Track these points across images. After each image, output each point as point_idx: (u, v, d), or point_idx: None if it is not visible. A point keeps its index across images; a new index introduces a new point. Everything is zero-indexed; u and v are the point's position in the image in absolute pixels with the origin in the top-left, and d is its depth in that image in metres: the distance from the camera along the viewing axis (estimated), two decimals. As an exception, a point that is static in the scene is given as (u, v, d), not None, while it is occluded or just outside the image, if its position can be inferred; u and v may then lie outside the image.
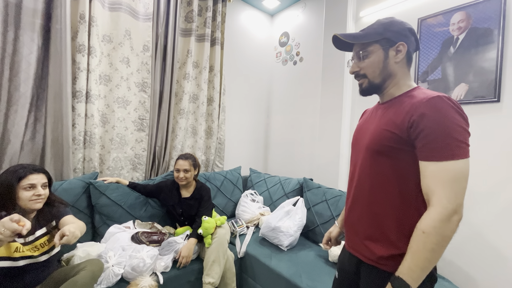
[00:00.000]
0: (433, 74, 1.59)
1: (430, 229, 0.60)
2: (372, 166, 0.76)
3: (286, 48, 2.68)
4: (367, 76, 0.78)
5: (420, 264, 0.61)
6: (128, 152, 1.95)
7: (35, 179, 1.05)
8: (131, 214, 1.69)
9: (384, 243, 0.73)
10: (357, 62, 0.80)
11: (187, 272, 1.46)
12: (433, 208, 0.62)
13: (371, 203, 0.76)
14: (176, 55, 2.10)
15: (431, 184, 0.63)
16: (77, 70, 1.65)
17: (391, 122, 0.72)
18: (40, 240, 1.09)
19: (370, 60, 0.77)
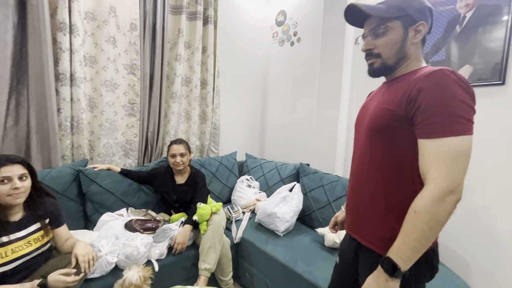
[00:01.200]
0: (436, 56, 1.52)
1: (421, 208, 0.57)
2: (371, 146, 0.73)
3: (283, 28, 2.54)
4: (381, 56, 0.72)
5: (410, 244, 0.58)
6: (119, 138, 1.88)
7: (9, 171, 0.95)
8: (124, 201, 1.65)
9: (381, 225, 0.71)
10: (372, 39, 0.72)
11: (182, 259, 1.46)
12: (426, 187, 0.59)
13: (369, 185, 0.74)
14: (167, 35, 1.98)
15: (428, 163, 0.59)
16: (59, 51, 1.54)
17: (390, 99, 0.69)
18: (33, 235, 1.05)
19: (388, 38, 0.70)
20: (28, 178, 1.03)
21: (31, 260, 1.03)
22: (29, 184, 1.03)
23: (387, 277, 0.60)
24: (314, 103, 2.20)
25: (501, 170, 1.30)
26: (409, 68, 0.72)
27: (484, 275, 1.36)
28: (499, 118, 1.31)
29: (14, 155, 1.02)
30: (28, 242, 1.02)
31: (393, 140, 0.68)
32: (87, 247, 1.09)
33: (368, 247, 0.75)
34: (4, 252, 0.95)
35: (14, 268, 0.97)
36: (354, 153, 0.83)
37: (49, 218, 1.11)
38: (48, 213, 1.11)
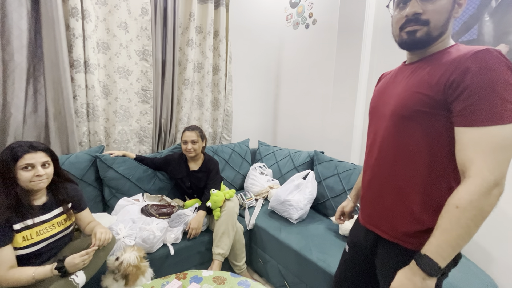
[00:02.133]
0: (467, 34, 1.39)
1: (466, 203, 0.52)
2: (398, 135, 0.67)
3: (297, 9, 2.42)
4: (429, 23, 0.62)
5: (452, 242, 0.54)
6: (133, 125, 1.90)
7: (32, 158, 0.97)
8: (139, 187, 1.68)
9: (408, 219, 0.67)
10: (421, 2, 0.62)
11: (197, 244, 1.48)
12: (471, 179, 0.53)
13: (395, 176, 0.69)
14: (178, 19, 1.93)
15: (470, 152, 0.54)
16: (72, 37, 1.54)
17: (424, 82, 0.62)
18: (56, 218, 1.08)
19: (441, 4, 0.61)
20: (51, 165, 1.05)
21: (54, 242, 1.07)
22: (51, 171, 1.05)
23: (425, 276, 0.56)
24: (329, 88, 2.11)
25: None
26: (443, 45, 0.65)
27: (508, 269, 1.30)
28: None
29: (37, 142, 1.03)
30: (52, 225, 1.06)
31: (426, 128, 0.62)
32: (106, 228, 1.13)
33: (391, 241, 0.71)
34: (30, 234, 0.99)
35: (39, 249, 1.01)
36: (373, 142, 0.77)
37: (71, 203, 1.15)
38: (70, 198, 1.14)
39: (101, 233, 1.07)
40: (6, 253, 0.92)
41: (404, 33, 0.66)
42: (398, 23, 0.67)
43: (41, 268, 0.94)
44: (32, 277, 0.92)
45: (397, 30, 0.68)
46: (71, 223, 1.14)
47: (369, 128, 0.81)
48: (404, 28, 0.65)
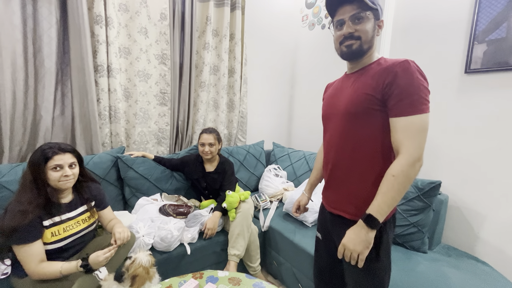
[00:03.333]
0: (494, 33, 1.32)
1: (398, 172, 0.70)
2: (353, 129, 0.81)
3: (313, 10, 2.40)
4: (360, 39, 0.79)
5: (388, 202, 0.71)
6: (152, 127, 1.96)
7: (61, 159, 1.03)
8: (157, 187, 1.74)
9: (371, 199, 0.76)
10: (352, 24, 0.79)
11: (212, 244, 1.51)
12: (402, 155, 0.71)
13: (355, 164, 0.82)
14: (195, 23, 1.97)
15: (401, 136, 0.72)
16: (96, 43, 1.61)
17: (368, 85, 0.77)
18: (81, 216, 1.15)
19: (366, 24, 0.78)
20: (77, 166, 1.11)
21: (79, 238, 1.13)
22: (77, 171, 1.11)
23: (368, 230, 0.72)
24: (346, 90, 2.07)
25: None
26: (372, 57, 0.83)
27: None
28: None
29: (65, 143, 1.10)
30: (77, 222, 1.12)
31: (375, 121, 0.77)
32: (124, 227, 1.18)
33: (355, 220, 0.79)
34: (57, 230, 1.05)
35: (66, 245, 1.07)
36: (330, 139, 0.90)
37: (94, 201, 1.21)
38: (93, 197, 1.20)
39: (119, 233, 1.12)
40: (37, 248, 0.98)
41: (343, 46, 0.81)
42: (338, 40, 0.83)
43: (67, 264, 1.00)
44: (59, 272, 0.98)
45: (337, 45, 0.84)
46: (94, 220, 1.20)
47: (325, 129, 0.96)
48: (342, 43, 0.81)
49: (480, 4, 1.35)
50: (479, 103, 1.39)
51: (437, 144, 1.55)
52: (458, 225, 1.50)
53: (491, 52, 1.34)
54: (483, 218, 1.40)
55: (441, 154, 1.54)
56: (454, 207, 1.50)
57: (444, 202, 1.44)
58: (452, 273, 1.20)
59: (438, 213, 1.41)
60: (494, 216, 1.36)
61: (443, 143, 1.53)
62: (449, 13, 1.48)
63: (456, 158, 1.49)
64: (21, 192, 1.00)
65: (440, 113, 1.52)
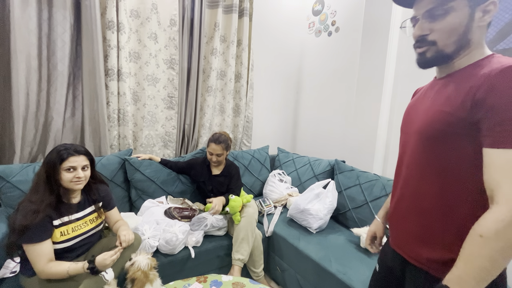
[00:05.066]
0: (502, 43, 1.33)
1: (490, 233, 0.47)
2: (423, 154, 0.64)
3: (320, 17, 2.43)
4: (436, 43, 0.60)
5: (475, 274, 0.48)
6: (159, 130, 1.99)
7: (75, 161, 1.06)
8: (163, 189, 1.76)
9: (433, 244, 0.63)
10: (427, 22, 0.60)
11: (217, 248, 1.51)
12: (498, 206, 0.48)
13: (419, 197, 0.65)
14: (203, 29, 2.01)
15: (498, 176, 0.49)
16: (108, 48, 1.66)
17: (449, 100, 0.58)
18: (89, 216, 1.17)
19: (449, 20, 0.58)
20: (89, 168, 1.14)
21: (87, 238, 1.15)
22: (89, 174, 1.14)
23: None
24: (351, 96, 2.08)
25: None
26: (472, 58, 0.60)
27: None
28: None
29: (80, 146, 1.13)
30: (85, 222, 1.14)
31: (452, 148, 0.58)
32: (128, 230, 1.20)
33: (417, 266, 0.67)
34: (66, 230, 1.07)
35: (74, 244, 1.09)
36: (401, 159, 0.73)
37: (102, 202, 1.23)
38: (101, 198, 1.22)
39: (124, 235, 1.14)
40: (47, 247, 1.00)
41: (416, 53, 0.65)
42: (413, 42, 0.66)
43: (74, 265, 1.01)
44: (66, 272, 0.99)
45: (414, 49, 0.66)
46: (101, 221, 1.22)
47: (400, 142, 0.77)
48: (415, 48, 0.65)
49: (488, 14, 1.36)
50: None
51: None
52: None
53: (498, 62, 1.34)
54: None
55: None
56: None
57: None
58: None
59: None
60: None
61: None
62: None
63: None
64: (33, 191, 1.03)
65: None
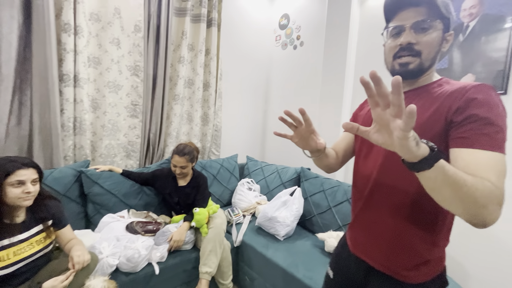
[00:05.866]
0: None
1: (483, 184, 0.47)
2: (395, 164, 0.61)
3: (286, 31, 2.55)
4: (420, 55, 0.62)
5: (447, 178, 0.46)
6: (121, 139, 1.88)
7: (24, 175, 0.96)
8: (125, 203, 1.65)
9: (406, 250, 0.65)
10: (415, 34, 0.62)
11: (183, 262, 1.46)
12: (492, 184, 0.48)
13: (395, 205, 0.66)
14: (170, 37, 1.98)
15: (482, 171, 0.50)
16: (63, 52, 1.54)
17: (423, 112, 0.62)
18: (36, 237, 1.05)
19: (432, 36, 0.61)
20: (38, 182, 1.03)
21: (32, 262, 1.03)
22: (38, 189, 1.03)
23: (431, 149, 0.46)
24: (316, 107, 2.20)
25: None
26: (431, 77, 0.66)
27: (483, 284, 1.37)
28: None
29: (28, 158, 1.03)
30: (31, 244, 1.02)
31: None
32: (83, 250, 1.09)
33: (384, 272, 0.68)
34: (6, 255, 0.95)
35: (17, 270, 0.97)
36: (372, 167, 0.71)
37: (52, 220, 1.11)
38: (51, 215, 1.11)
39: (78, 256, 1.04)
40: None
41: (396, 63, 0.65)
42: (391, 51, 0.66)
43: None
44: None
45: (390, 58, 0.67)
46: (51, 242, 1.11)
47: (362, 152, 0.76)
48: (397, 57, 0.65)
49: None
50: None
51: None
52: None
53: (437, 80, 1.54)
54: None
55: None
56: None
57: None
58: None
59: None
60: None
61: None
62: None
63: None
64: None
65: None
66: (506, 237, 1.31)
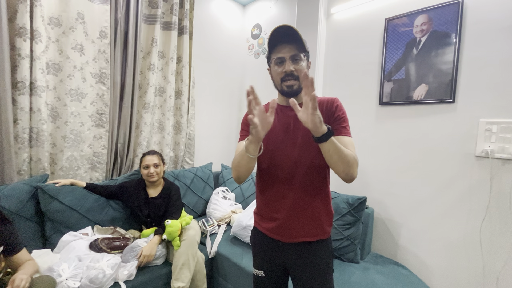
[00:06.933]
0: (397, 74, 1.65)
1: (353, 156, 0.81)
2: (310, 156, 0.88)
3: (258, 41, 2.61)
4: (298, 79, 0.87)
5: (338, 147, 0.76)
6: (85, 150, 1.77)
7: None
8: (89, 219, 1.54)
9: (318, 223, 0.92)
10: (292, 64, 0.86)
11: (153, 278, 1.39)
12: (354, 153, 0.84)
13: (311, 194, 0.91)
14: (139, 44, 1.92)
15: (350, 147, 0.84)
16: (17, 57, 1.43)
17: None
18: None
19: (303, 65, 0.87)
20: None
21: None
22: None
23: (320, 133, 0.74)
24: (288, 115, 2.26)
25: (453, 180, 1.44)
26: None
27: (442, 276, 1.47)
28: (450, 133, 1.45)
29: None
30: None
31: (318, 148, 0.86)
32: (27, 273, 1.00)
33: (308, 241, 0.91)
34: None
35: None
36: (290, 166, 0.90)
37: (3, 247, 1.00)
38: (1, 242, 1.00)
39: (21, 279, 0.95)
40: None
41: (284, 85, 0.89)
42: (279, 76, 0.89)
43: None
44: None
45: (278, 81, 0.90)
46: (1, 270, 0.99)
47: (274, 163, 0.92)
48: (284, 80, 0.89)
49: (386, 51, 1.69)
50: (390, 129, 1.69)
51: (362, 164, 1.79)
52: (383, 235, 1.72)
53: (395, 89, 1.66)
54: (400, 226, 1.64)
55: (365, 173, 1.79)
56: (379, 218, 1.73)
57: (371, 215, 1.64)
58: (380, 280, 1.35)
59: (366, 225, 1.60)
60: (408, 225, 1.62)
61: (366, 164, 1.78)
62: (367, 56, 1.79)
63: (377, 176, 1.74)
64: None
65: (364, 137, 1.78)
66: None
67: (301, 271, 0.92)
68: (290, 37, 0.86)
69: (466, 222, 1.40)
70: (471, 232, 1.38)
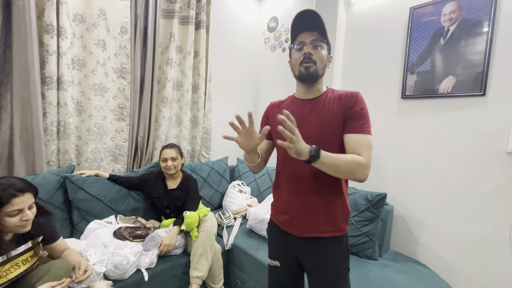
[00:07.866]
0: (422, 66, 1.58)
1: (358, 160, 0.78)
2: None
3: (275, 34, 2.57)
4: (316, 63, 0.86)
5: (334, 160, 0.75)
6: (107, 143, 1.84)
7: (21, 202, 0.88)
8: (112, 208, 1.61)
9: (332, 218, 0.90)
10: (312, 49, 0.86)
11: (173, 267, 1.44)
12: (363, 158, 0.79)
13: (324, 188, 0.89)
14: (158, 39, 1.96)
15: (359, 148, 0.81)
16: (45, 53, 1.50)
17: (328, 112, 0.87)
18: (23, 256, 0.98)
19: (323, 53, 0.87)
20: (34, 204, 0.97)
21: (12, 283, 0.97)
22: (35, 211, 0.96)
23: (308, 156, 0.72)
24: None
25: (481, 178, 1.37)
26: (322, 86, 0.93)
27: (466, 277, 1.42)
28: (479, 128, 1.37)
29: (22, 180, 0.93)
30: (16, 264, 0.96)
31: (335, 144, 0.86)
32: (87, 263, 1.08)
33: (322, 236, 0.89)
34: None
35: None
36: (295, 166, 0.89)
37: (43, 236, 1.06)
38: (41, 231, 1.05)
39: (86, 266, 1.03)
40: None
41: (302, 67, 0.87)
42: (297, 60, 0.88)
43: None
44: None
45: (297, 66, 0.89)
46: (37, 260, 1.05)
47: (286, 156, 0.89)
48: (302, 63, 0.87)
49: (410, 42, 1.61)
50: (413, 123, 1.62)
51: (382, 160, 1.74)
52: (402, 232, 1.67)
53: (420, 82, 1.59)
54: (421, 224, 1.59)
55: (385, 169, 1.73)
56: (399, 216, 1.68)
57: (390, 212, 1.60)
58: (399, 277, 1.32)
59: (385, 222, 1.57)
60: (430, 223, 1.56)
61: (386, 159, 1.73)
62: (389, 47, 1.72)
63: (397, 172, 1.69)
64: None
65: (384, 132, 1.73)
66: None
67: (313, 266, 0.91)
68: (313, 25, 0.86)
69: (494, 222, 1.33)
70: (500, 233, 1.31)
